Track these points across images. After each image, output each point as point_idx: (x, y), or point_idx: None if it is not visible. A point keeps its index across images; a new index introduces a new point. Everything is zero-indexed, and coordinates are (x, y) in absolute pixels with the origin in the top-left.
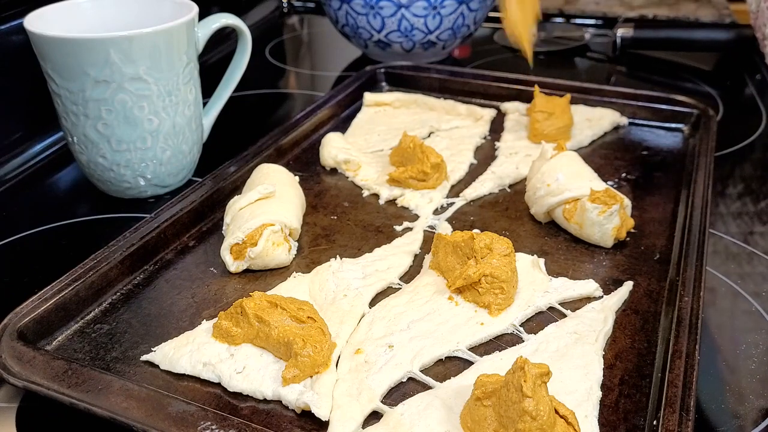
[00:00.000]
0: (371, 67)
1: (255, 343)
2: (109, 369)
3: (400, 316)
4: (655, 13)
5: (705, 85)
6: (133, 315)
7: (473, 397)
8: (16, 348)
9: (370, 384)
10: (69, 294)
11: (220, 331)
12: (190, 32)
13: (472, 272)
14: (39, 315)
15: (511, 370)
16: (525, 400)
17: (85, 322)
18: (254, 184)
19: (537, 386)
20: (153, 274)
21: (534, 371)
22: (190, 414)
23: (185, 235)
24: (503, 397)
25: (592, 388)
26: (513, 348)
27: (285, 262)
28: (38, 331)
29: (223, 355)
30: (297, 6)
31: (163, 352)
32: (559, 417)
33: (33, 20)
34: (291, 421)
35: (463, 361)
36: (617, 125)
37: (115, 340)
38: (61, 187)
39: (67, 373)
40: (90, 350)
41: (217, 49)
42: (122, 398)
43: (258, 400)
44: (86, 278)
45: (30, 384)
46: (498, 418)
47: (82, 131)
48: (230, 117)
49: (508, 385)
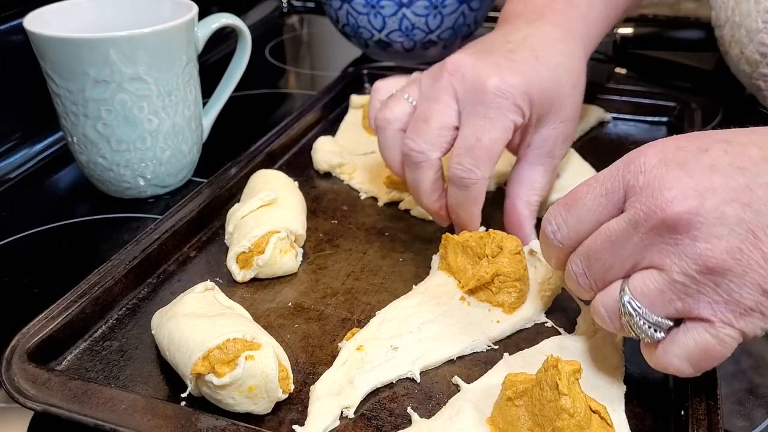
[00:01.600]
0: (355, 68)
1: None
2: (126, 387)
3: (410, 317)
4: (655, 13)
5: (705, 85)
6: (142, 330)
7: (504, 397)
8: (29, 370)
9: (357, 382)
10: (75, 311)
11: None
12: (190, 32)
13: (485, 272)
14: (47, 335)
15: (543, 368)
16: (562, 398)
17: (93, 339)
18: (254, 191)
19: (571, 383)
20: (157, 287)
21: (567, 368)
22: (220, 429)
23: (186, 246)
24: (536, 396)
25: (616, 381)
26: (536, 346)
27: (293, 268)
28: (47, 351)
29: None
30: (297, 6)
31: None
32: (592, 412)
33: (33, 20)
34: None
35: (483, 362)
36: (602, 120)
37: (127, 357)
38: (61, 187)
39: (86, 393)
40: (102, 369)
41: (217, 49)
42: (149, 416)
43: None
44: (91, 294)
45: (49, 407)
46: (532, 417)
47: (81, 131)
48: (230, 117)
49: (541, 383)
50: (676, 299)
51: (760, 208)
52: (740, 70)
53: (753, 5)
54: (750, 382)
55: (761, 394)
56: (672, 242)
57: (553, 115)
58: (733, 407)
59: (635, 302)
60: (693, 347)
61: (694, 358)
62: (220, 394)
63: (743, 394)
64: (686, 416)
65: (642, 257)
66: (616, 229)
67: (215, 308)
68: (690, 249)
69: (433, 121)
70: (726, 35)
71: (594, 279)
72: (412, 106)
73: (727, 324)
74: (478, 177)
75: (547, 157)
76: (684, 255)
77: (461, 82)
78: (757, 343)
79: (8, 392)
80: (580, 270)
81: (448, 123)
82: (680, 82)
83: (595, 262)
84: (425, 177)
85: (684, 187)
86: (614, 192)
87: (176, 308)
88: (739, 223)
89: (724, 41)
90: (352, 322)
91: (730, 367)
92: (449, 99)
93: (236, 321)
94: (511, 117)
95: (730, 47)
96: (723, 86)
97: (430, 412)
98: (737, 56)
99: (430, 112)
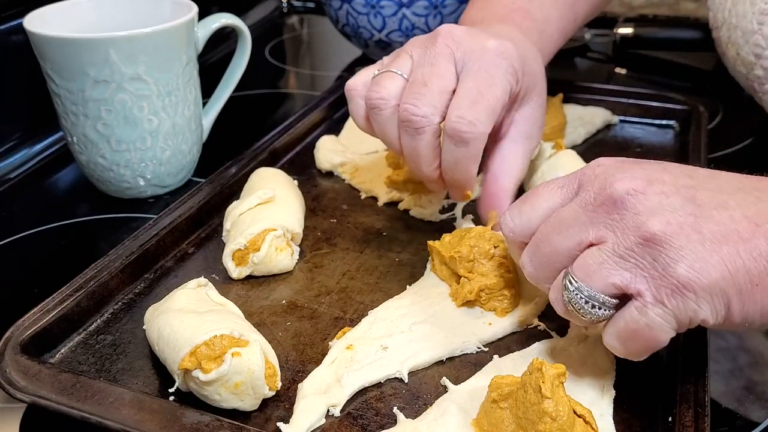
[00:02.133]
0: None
1: None
2: (116, 381)
3: (402, 317)
4: (655, 13)
5: (705, 85)
6: (136, 325)
7: (489, 399)
8: (21, 362)
9: (345, 381)
10: (70, 305)
11: None
12: (190, 32)
13: (468, 292)
14: (41, 327)
15: (528, 371)
16: (545, 401)
17: (87, 333)
18: (253, 189)
19: (555, 387)
20: (153, 283)
21: (551, 372)
22: (204, 424)
23: (184, 242)
24: (521, 399)
25: (605, 386)
26: (526, 349)
27: (288, 267)
28: (41, 343)
29: None
30: (297, 6)
31: None
32: (577, 416)
33: (33, 20)
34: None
35: (472, 364)
36: (609, 123)
37: (119, 351)
38: (61, 187)
39: (75, 386)
40: (95, 362)
41: (217, 49)
42: (135, 410)
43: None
44: (87, 288)
45: (38, 399)
46: (516, 420)
47: (81, 131)
48: (230, 117)
49: (526, 386)
50: (614, 273)
51: (703, 206)
52: (737, 72)
53: (749, 7)
54: (748, 380)
55: (759, 391)
56: (617, 217)
57: (535, 94)
58: (730, 406)
59: (574, 277)
60: (623, 326)
61: (623, 337)
62: (206, 390)
63: (741, 392)
64: (674, 422)
65: (587, 234)
66: (564, 211)
67: (206, 305)
68: (631, 221)
69: (434, 85)
70: (723, 36)
71: (543, 263)
72: (404, 79)
73: (659, 301)
74: (480, 131)
75: (526, 138)
76: (625, 227)
77: (458, 45)
78: (755, 339)
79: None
80: (528, 258)
81: (448, 86)
82: (680, 82)
83: (544, 246)
84: (426, 143)
85: (635, 173)
86: (569, 184)
87: (167, 304)
88: (683, 207)
89: (721, 43)
90: (344, 321)
91: (727, 365)
92: (447, 63)
93: (225, 318)
94: (510, 79)
95: (727, 49)
96: (723, 86)
97: (416, 413)
98: (733, 58)
99: (429, 75)
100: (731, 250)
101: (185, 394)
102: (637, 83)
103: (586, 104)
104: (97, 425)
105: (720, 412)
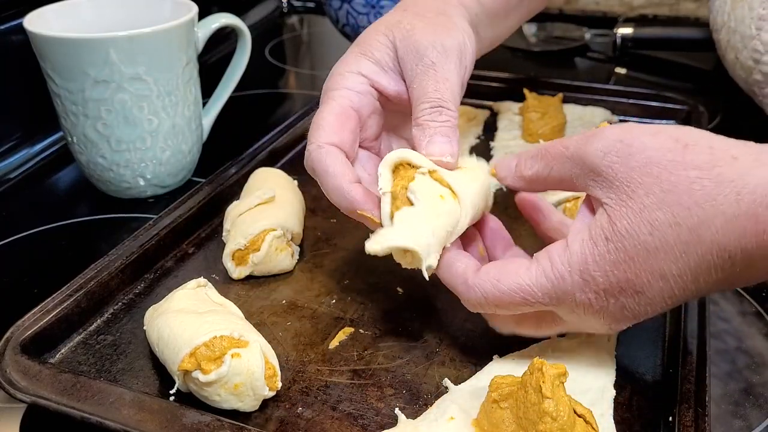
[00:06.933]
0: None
1: None
2: (116, 381)
3: None
4: (655, 13)
5: (705, 85)
6: (137, 325)
7: (489, 399)
8: (21, 362)
9: None
10: (71, 305)
11: None
12: (190, 32)
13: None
14: (41, 327)
15: (528, 371)
16: (545, 401)
17: (87, 333)
18: (253, 189)
19: (555, 387)
20: (153, 283)
21: (552, 372)
22: (205, 424)
23: (184, 242)
24: (521, 399)
25: (606, 386)
26: (527, 349)
27: (288, 267)
28: (41, 344)
29: None
30: (297, 6)
31: None
32: (577, 416)
33: (33, 20)
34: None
35: (473, 364)
36: (608, 122)
37: (120, 351)
38: (61, 187)
39: (75, 386)
40: (95, 362)
41: (217, 49)
42: (135, 410)
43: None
44: (87, 288)
45: (38, 399)
46: (516, 420)
47: (81, 131)
48: (230, 117)
49: (526, 386)
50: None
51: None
52: (736, 74)
53: (747, 11)
54: (746, 382)
55: (758, 393)
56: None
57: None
58: (729, 408)
59: None
60: None
61: None
62: (206, 391)
63: (740, 394)
64: (674, 422)
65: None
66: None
67: (206, 305)
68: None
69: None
70: (722, 39)
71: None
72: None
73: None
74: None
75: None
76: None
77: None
78: (753, 339)
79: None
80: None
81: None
82: (680, 82)
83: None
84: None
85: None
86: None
87: (167, 304)
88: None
89: (720, 45)
90: (344, 321)
91: (725, 366)
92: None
93: (225, 318)
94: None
95: (727, 51)
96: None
97: (417, 413)
98: (733, 61)
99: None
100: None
101: (185, 395)
102: (637, 83)
103: (586, 104)
104: (97, 425)
105: (719, 414)
